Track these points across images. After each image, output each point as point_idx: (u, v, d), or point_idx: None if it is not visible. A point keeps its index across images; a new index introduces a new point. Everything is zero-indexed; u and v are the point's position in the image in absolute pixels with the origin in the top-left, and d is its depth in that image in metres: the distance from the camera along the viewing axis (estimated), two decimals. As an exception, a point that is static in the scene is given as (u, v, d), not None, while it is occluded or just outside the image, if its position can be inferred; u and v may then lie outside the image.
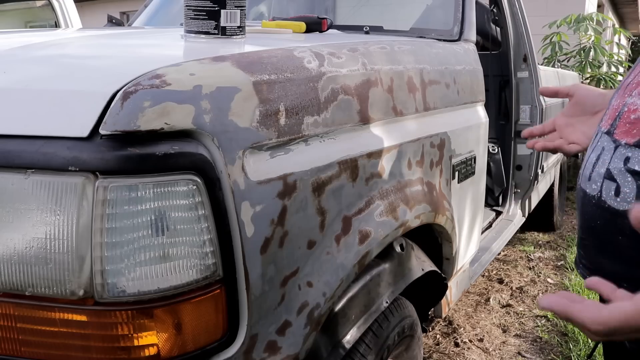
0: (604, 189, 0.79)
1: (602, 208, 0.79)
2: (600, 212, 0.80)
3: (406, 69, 1.32)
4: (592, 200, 0.82)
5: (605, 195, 0.79)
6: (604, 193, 0.79)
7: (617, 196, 0.77)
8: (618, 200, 0.77)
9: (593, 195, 0.81)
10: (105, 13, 2.55)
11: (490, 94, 2.72)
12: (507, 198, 2.84)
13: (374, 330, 1.20)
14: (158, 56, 1.01)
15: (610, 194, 0.78)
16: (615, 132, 0.80)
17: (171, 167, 0.75)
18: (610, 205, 0.78)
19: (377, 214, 1.14)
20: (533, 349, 2.31)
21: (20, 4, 3.84)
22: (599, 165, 0.81)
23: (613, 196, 0.78)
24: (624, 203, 0.77)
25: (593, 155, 0.84)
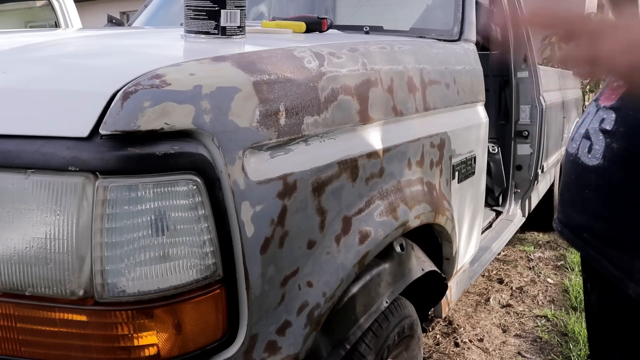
0: (581, 147, 0.87)
1: (577, 164, 0.87)
2: (575, 167, 0.88)
3: (406, 69, 1.32)
4: (570, 157, 0.90)
5: (581, 152, 0.87)
6: (580, 151, 0.87)
7: (589, 153, 0.85)
8: (589, 156, 0.85)
9: (571, 153, 0.89)
10: (105, 13, 2.55)
11: (490, 94, 2.72)
12: (507, 198, 2.84)
13: (374, 330, 1.20)
14: (158, 56, 1.01)
15: (584, 151, 0.86)
16: (600, 99, 0.88)
17: (171, 167, 0.75)
18: (583, 161, 0.86)
19: (377, 214, 1.14)
20: (533, 349, 2.31)
21: (20, 4, 3.84)
22: (581, 127, 0.89)
23: (586, 153, 0.85)
24: (593, 159, 0.84)
25: (580, 119, 0.93)
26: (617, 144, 0.80)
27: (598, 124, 0.84)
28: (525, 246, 3.58)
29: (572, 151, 0.90)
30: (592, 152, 0.84)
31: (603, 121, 0.84)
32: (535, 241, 3.72)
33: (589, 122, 0.87)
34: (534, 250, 3.52)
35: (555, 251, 3.54)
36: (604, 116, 0.84)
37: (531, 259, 3.37)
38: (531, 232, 3.87)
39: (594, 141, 0.84)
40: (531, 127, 2.78)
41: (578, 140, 0.89)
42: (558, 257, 3.43)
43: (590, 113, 0.89)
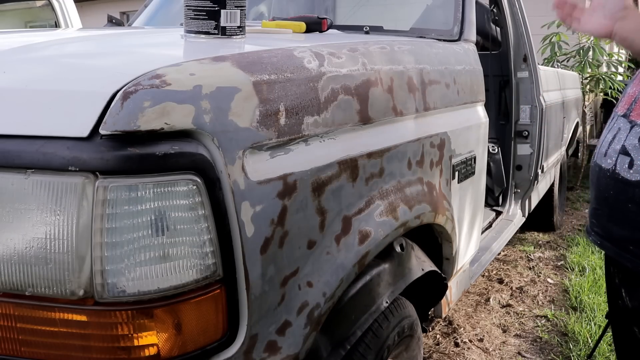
0: (619, 162, 0.89)
1: (616, 179, 0.90)
2: (614, 183, 0.90)
3: (406, 69, 1.32)
4: (606, 173, 0.92)
5: (619, 168, 0.89)
6: (618, 166, 0.90)
7: (630, 168, 0.87)
8: (631, 172, 0.87)
9: (608, 169, 0.92)
10: (105, 13, 2.55)
11: (490, 94, 2.72)
12: (507, 198, 2.84)
13: (374, 330, 1.20)
14: (158, 56, 1.01)
15: (624, 167, 0.88)
16: (631, 115, 0.90)
17: (171, 167, 0.75)
18: (623, 176, 0.88)
19: (377, 214, 1.14)
20: (533, 349, 2.31)
21: (20, 4, 3.84)
22: (615, 143, 0.91)
23: (626, 169, 0.88)
24: (636, 174, 0.87)
25: (609, 135, 0.94)
26: None
27: (637, 141, 0.87)
28: (525, 246, 3.58)
29: (607, 167, 0.92)
30: (635, 168, 0.87)
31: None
32: (535, 241, 3.72)
33: (623, 138, 0.90)
34: (534, 250, 3.52)
35: (555, 251, 3.54)
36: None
37: (531, 259, 3.37)
38: (531, 232, 3.87)
39: (634, 157, 0.87)
40: (531, 127, 2.78)
41: (614, 156, 0.91)
42: (558, 257, 3.43)
43: (622, 129, 0.91)
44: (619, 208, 0.91)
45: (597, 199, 0.97)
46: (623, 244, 0.91)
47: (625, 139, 0.89)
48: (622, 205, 0.90)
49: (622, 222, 0.91)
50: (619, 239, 0.92)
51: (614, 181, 0.90)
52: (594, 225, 0.99)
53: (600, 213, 0.97)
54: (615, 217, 0.92)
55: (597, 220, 0.98)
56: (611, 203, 0.93)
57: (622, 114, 0.94)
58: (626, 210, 0.89)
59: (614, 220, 0.93)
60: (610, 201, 0.93)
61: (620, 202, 0.90)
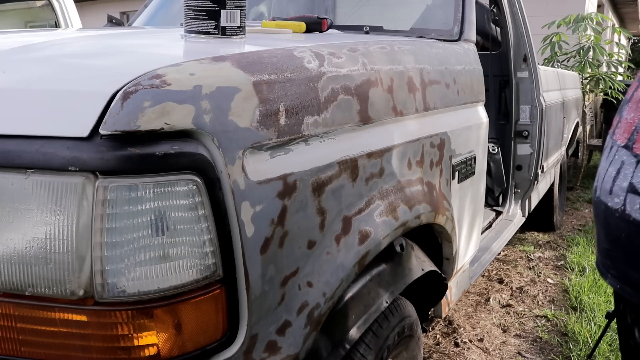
0: (628, 202, 0.81)
1: (627, 221, 0.82)
2: (626, 224, 0.82)
3: (406, 69, 1.32)
4: (615, 213, 0.84)
5: (630, 208, 0.81)
6: (628, 206, 0.81)
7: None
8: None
9: (616, 209, 0.83)
10: (105, 13, 2.55)
11: (490, 94, 2.72)
12: (507, 198, 2.84)
13: (374, 330, 1.20)
14: (158, 56, 1.01)
15: (635, 207, 0.80)
16: (634, 147, 0.82)
17: (171, 167, 0.75)
18: (636, 218, 0.80)
19: (377, 214, 1.14)
20: (533, 349, 2.31)
21: (20, 4, 3.84)
22: (621, 179, 0.83)
23: (638, 209, 0.80)
24: None
25: (612, 169, 0.86)
26: None
27: None
28: (525, 246, 3.58)
29: (615, 207, 0.84)
30: None
31: None
32: (535, 241, 3.72)
33: (630, 174, 0.82)
34: (534, 250, 3.52)
35: (555, 251, 3.54)
36: None
37: (531, 259, 3.37)
38: (531, 232, 3.87)
39: None
40: (531, 127, 2.78)
41: (621, 195, 0.83)
42: (558, 257, 3.43)
43: (627, 164, 0.83)
44: (635, 251, 0.83)
45: (608, 239, 0.90)
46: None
47: (633, 175, 0.82)
48: (638, 249, 0.83)
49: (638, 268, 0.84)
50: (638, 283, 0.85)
51: (626, 223, 0.82)
52: (608, 267, 0.92)
53: (615, 255, 0.89)
54: (633, 260, 0.85)
55: (612, 262, 0.90)
56: (625, 246, 0.85)
57: (622, 144, 0.86)
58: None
59: (631, 264, 0.86)
60: (624, 243, 0.85)
61: (636, 246, 0.83)
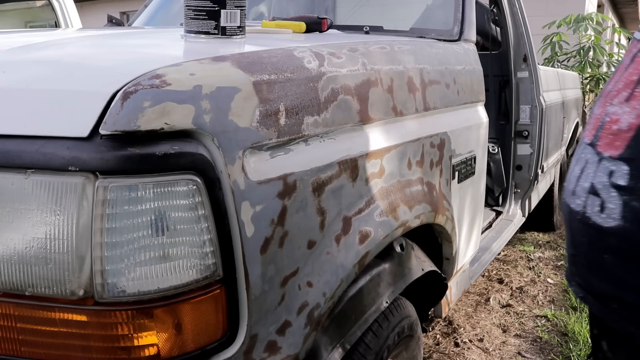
0: (589, 204, 0.75)
1: (587, 225, 0.75)
2: (586, 228, 0.76)
3: (406, 69, 1.32)
4: (577, 215, 0.77)
5: (590, 211, 0.74)
6: (588, 209, 0.75)
7: (601, 212, 0.72)
8: (603, 216, 0.72)
9: (578, 211, 0.77)
10: (105, 13, 2.55)
11: (490, 94, 2.72)
12: (507, 198, 2.84)
13: (374, 330, 1.20)
14: (158, 56, 1.01)
15: (594, 210, 0.74)
16: (598, 144, 0.76)
17: (171, 167, 0.75)
18: (595, 221, 0.73)
19: (377, 214, 1.14)
20: (533, 349, 2.31)
21: (20, 4, 3.84)
22: (583, 179, 0.77)
23: (598, 212, 0.73)
24: (609, 220, 0.71)
25: (577, 168, 0.80)
26: (638, 203, 0.69)
27: (607, 178, 0.73)
28: (525, 246, 3.58)
29: (577, 209, 0.77)
30: (607, 212, 0.72)
31: (612, 174, 0.72)
32: (535, 241, 3.72)
33: (591, 174, 0.75)
34: (534, 250, 3.52)
35: (555, 251, 3.54)
36: (613, 168, 0.72)
37: (531, 259, 3.37)
38: (531, 232, 3.87)
39: (605, 199, 0.72)
40: (531, 127, 2.78)
41: (582, 196, 0.76)
42: (558, 257, 3.43)
43: (590, 162, 0.76)
44: (595, 259, 0.76)
45: (572, 243, 0.83)
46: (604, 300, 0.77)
47: (594, 175, 0.74)
48: (597, 256, 0.75)
49: (601, 276, 0.76)
50: (599, 294, 0.77)
51: (587, 227, 0.75)
52: (574, 274, 0.84)
53: (578, 261, 0.82)
54: (594, 268, 0.77)
55: (577, 268, 0.83)
56: (587, 252, 0.78)
57: (588, 141, 0.78)
58: (602, 262, 0.75)
59: (593, 272, 0.78)
60: (586, 250, 0.78)
61: (595, 252, 0.75)
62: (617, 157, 0.72)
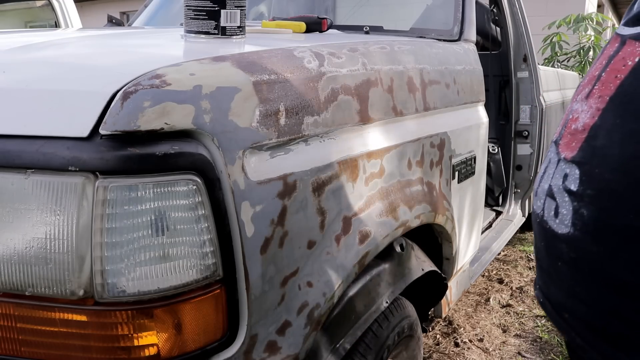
0: (546, 208, 0.70)
1: (544, 229, 0.71)
2: (543, 232, 0.71)
3: (406, 69, 1.32)
4: (536, 218, 0.73)
5: (547, 215, 0.70)
6: (545, 212, 0.70)
7: (556, 217, 0.68)
8: (557, 222, 0.67)
9: (537, 213, 0.72)
10: (105, 13, 2.55)
11: (490, 94, 2.72)
12: (507, 198, 2.84)
13: (374, 330, 1.20)
14: (158, 56, 1.01)
15: (550, 214, 0.69)
16: (560, 143, 0.71)
17: (171, 167, 0.75)
18: (551, 226, 0.69)
19: (377, 214, 1.14)
20: (533, 349, 2.30)
21: (20, 4, 3.84)
22: (544, 180, 0.72)
23: (553, 217, 0.68)
24: (562, 226, 0.66)
25: (543, 166, 0.75)
26: (586, 210, 0.63)
27: (561, 181, 0.67)
28: (525, 246, 3.58)
29: (537, 211, 0.73)
30: (560, 217, 0.67)
31: (566, 178, 0.67)
32: (535, 241, 3.72)
33: (551, 175, 0.70)
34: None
35: (555, 251, 3.54)
36: (567, 171, 0.67)
37: (531, 259, 3.37)
38: (531, 232, 3.87)
39: (559, 203, 0.67)
40: (531, 127, 2.78)
41: (542, 197, 0.72)
42: (558, 257, 3.43)
43: (552, 162, 0.71)
44: (552, 265, 0.71)
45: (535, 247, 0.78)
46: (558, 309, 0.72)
47: (552, 177, 0.69)
48: (553, 262, 0.70)
49: (556, 284, 0.71)
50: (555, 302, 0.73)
51: (544, 231, 0.71)
52: (538, 278, 0.79)
53: (540, 265, 0.77)
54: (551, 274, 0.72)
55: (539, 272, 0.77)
56: (545, 257, 0.73)
57: (554, 139, 0.74)
58: (557, 269, 0.70)
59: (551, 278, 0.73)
60: (544, 254, 0.73)
61: (552, 259, 0.70)
62: (571, 160, 0.67)
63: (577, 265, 0.66)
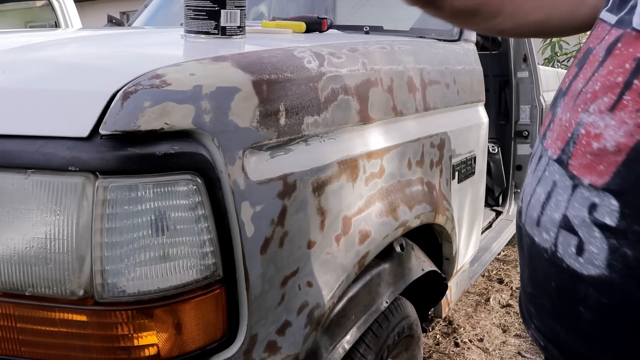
0: (561, 242, 0.59)
1: (559, 267, 0.60)
2: (556, 271, 0.61)
3: (406, 69, 1.32)
4: (543, 253, 0.62)
5: (563, 251, 0.59)
6: (560, 248, 0.59)
7: (579, 255, 0.57)
8: (581, 260, 0.57)
9: (545, 248, 0.62)
10: (105, 13, 2.55)
11: (490, 94, 2.72)
12: (507, 198, 2.84)
13: (374, 330, 1.20)
14: (158, 56, 1.01)
15: (569, 251, 0.58)
16: (571, 164, 0.59)
17: (171, 167, 0.75)
18: (570, 265, 0.58)
19: (377, 214, 1.14)
20: (533, 349, 2.30)
21: (20, 4, 3.84)
22: (551, 208, 0.61)
23: (574, 254, 0.58)
24: (589, 266, 0.56)
25: (540, 189, 0.63)
26: (632, 251, 0.53)
27: (587, 212, 0.56)
28: (525, 246, 3.58)
29: (544, 244, 0.62)
30: (587, 256, 0.56)
31: (596, 209, 0.56)
32: (535, 241, 3.72)
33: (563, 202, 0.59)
34: (534, 250, 3.51)
35: (555, 251, 3.54)
36: (595, 200, 0.55)
37: (531, 259, 3.37)
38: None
39: (585, 239, 0.56)
40: (531, 127, 2.78)
41: (552, 229, 0.60)
42: (558, 257, 3.43)
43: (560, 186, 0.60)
44: (566, 309, 0.61)
45: (532, 282, 0.67)
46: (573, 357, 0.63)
47: (567, 205, 0.58)
48: (570, 306, 0.60)
49: (571, 329, 0.62)
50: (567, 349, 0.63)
51: (557, 269, 0.60)
52: (532, 316, 0.69)
53: (541, 304, 0.67)
54: (563, 319, 0.63)
55: (537, 311, 0.68)
56: (554, 298, 0.63)
57: (555, 156, 0.62)
58: (577, 315, 0.60)
59: (560, 322, 0.63)
60: (553, 295, 0.63)
61: (567, 301, 0.61)
62: (603, 188, 0.55)
63: (612, 313, 0.56)
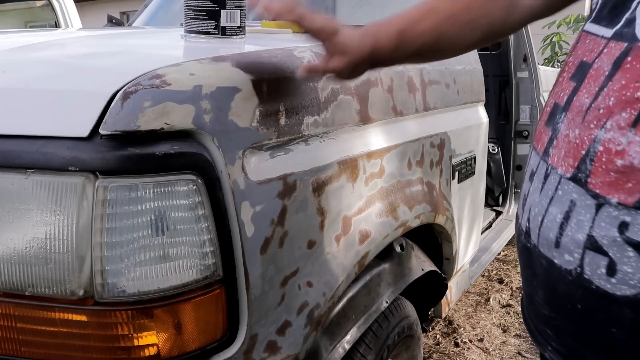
0: (587, 263, 0.58)
1: (586, 289, 0.59)
2: (583, 293, 0.60)
3: (406, 69, 1.32)
4: (567, 275, 0.61)
5: (591, 272, 0.58)
6: (587, 269, 0.58)
7: (610, 276, 0.57)
8: (613, 281, 0.56)
9: (569, 270, 0.61)
10: (105, 13, 2.55)
11: (490, 94, 2.72)
12: (507, 198, 2.84)
13: (374, 330, 1.20)
14: (158, 56, 1.01)
15: (598, 272, 0.57)
16: (590, 182, 0.58)
17: (171, 167, 0.75)
18: (600, 286, 0.57)
19: (377, 214, 1.14)
20: (533, 349, 2.30)
21: (20, 4, 3.84)
22: (573, 229, 0.60)
23: (604, 275, 0.57)
24: (624, 287, 0.56)
25: (554, 209, 0.62)
26: None
27: (617, 231, 0.56)
28: (525, 246, 3.58)
29: (567, 267, 0.61)
30: (620, 276, 0.56)
31: (627, 227, 0.55)
32: (535, 241, 3.72)
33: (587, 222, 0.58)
34: (534, 250, 3.51)
35: (555, 251, 3.54)
36: (626, 219, 0.55)
37: (531, 259, 3.37)
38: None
39: (616, 259, 0.56)
40: (531, 127, 2.78)
41: (576, 250, 0.59)
42: (558, 257, 3.43)
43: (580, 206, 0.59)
44: (595, 331, 0.60)
45: (550, 303, 0.66)
46: None
47: (592, 225, 0.57)
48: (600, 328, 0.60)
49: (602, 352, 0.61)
50: None
51: (584, 291, 0.59)
52: (549, 338, 0.68)
53: (560, 326, 0.65)
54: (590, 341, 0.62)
55: (556, 333, 0.67)
56: (580, 320, 0.62)
57: (568, 174, 0.60)
58: (609, 337, 0.59)
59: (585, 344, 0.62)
60: (578, 317, 0.62)
61: (597, 324, 0.60)
62: (634, 206, 0.54)
63: None
